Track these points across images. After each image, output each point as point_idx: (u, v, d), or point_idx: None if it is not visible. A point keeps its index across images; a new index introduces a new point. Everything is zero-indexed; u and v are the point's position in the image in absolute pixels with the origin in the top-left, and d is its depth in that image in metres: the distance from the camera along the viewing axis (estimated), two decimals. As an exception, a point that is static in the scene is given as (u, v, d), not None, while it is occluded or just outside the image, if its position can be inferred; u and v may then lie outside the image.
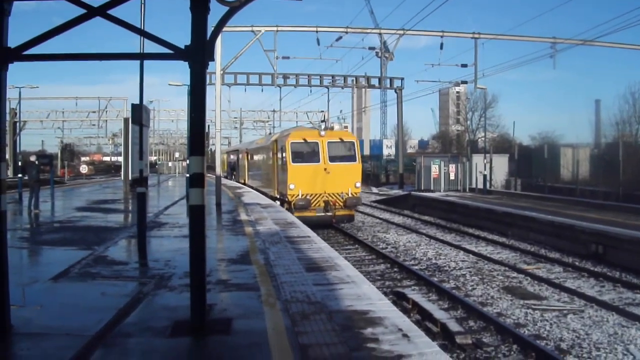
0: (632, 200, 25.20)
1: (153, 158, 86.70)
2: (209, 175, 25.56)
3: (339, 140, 24.84)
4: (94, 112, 66.80)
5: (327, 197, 23.84)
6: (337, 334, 6.20)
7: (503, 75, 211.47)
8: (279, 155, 25.93)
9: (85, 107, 70.69)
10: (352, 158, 24.73)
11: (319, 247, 12.46)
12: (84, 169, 69.27)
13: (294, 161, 23.97)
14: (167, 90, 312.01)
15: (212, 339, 6.15)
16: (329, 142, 24.30)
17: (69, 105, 68.37)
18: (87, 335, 6.05)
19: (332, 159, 24.07)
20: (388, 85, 43.66)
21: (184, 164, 66.95)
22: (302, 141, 24.46)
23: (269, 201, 25.48)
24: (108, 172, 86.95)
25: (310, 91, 44.92)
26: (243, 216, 18.91)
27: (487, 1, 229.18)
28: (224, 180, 35.96)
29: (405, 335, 6.14)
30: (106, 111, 65.85)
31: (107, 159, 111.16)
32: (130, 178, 29.34)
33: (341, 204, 23.96)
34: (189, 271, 6.54)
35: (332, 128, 26.77)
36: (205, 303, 6.54)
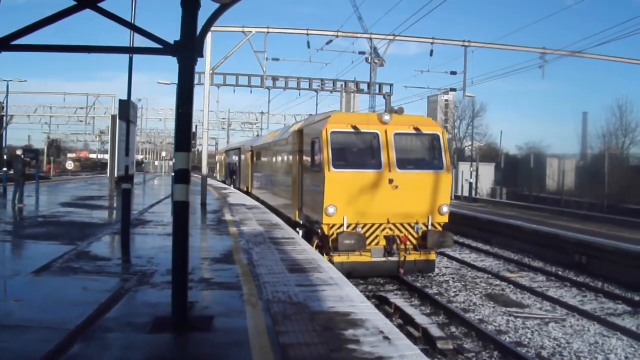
0: (616, 211, 25.43)
1: (139, 156, 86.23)
2: (194, 175, 25.30)
3: (413, 132, 14.81)
4: (82, 108, 66.05)
5: (391, 228, 14.32)
6: (318, 334, 6.19)
7: (492, 84, 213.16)
8: (307, 156, 16.04)
9: (73, 103, 70.69)
10: (436, 163, 14.93)
11: (303, 248, 12.44)
12: (69, 165, 69.09)
13: (335, 165, 14.04)
14: (155, 89, 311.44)
15: (193, 335, 6.12)
16: (396, 134, 14.53)
17: (57, 101, 67.62)
18: (68, 328, 6.01)
19: (402, 163, 14.42)
20: (377, 91, 43.64)
21: (170, 163, 66.83)
22: (351, 130, 14.44)
23: (254, 202, 25.20)
24: (94, 170, 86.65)
25: (299, 94, 44.65)
26: (228, 216, 18.85)
27: (477, 9, 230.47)
28: (210, 181, 35.70)
29: (386, 338, 6.14)
30: (94, 108, 65.14)
31: (93, 156, 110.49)
32: (115, 175, 29.30)
33: (414, 241, 14.43)
34: (171, 268, 6.52)
35: (400, 111, 15.60)
36: (187, 300, 6.52)
